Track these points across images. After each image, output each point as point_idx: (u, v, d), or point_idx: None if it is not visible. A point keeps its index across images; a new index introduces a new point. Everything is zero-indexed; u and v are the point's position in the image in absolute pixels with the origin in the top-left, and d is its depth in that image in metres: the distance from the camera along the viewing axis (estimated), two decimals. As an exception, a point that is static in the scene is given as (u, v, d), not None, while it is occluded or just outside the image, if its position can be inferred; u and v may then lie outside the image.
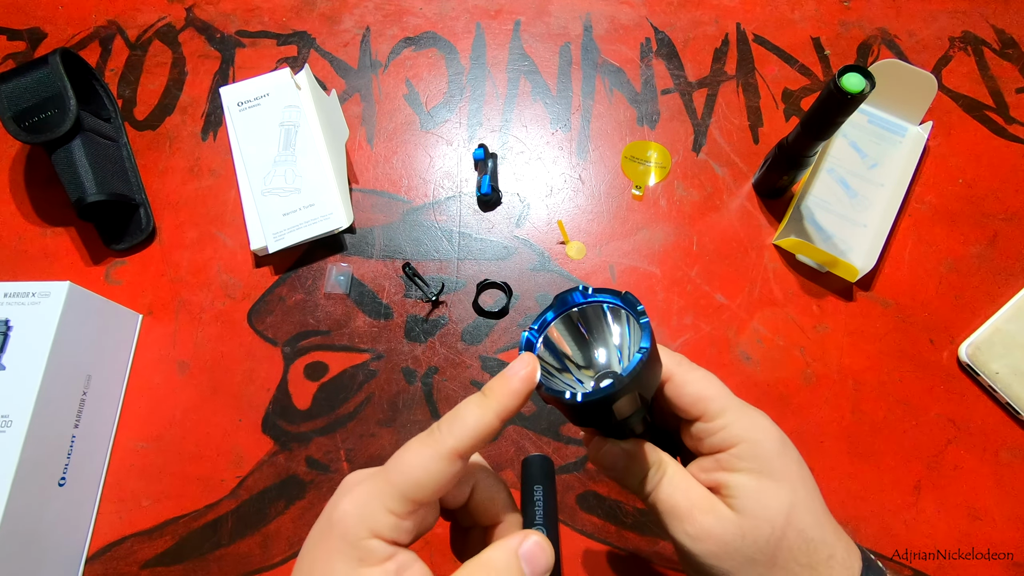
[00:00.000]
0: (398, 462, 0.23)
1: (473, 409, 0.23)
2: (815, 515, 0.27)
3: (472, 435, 0.23)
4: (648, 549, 0.47)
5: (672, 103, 0.62)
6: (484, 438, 0.23)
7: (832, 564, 0.26)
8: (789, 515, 0.26)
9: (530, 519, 0.45)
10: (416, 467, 0.22)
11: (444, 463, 0.22)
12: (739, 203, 0.58)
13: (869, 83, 0.42)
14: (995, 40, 0.65)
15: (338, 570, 0.21)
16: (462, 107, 0.62)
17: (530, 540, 0.23)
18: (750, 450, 0.27)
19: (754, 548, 0.25)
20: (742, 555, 0.25)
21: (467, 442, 0.23)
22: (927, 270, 0.56)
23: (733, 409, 0.28)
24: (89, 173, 0.53)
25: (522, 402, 0.24)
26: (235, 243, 0.56)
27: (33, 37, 0.65)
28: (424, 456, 0.22)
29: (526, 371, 0.24)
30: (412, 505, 0.22)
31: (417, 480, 0.22)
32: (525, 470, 0.49)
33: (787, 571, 0.26)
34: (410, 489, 0.22)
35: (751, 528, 0.25)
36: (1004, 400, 0.50)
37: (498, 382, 0.24)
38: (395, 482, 0.22)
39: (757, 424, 0.27)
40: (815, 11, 0.67)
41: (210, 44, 0.65)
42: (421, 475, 0.22)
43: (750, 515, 0.26)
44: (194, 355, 0.52)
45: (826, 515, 0.27)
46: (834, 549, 0.26)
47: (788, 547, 0.26)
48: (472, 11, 0.67)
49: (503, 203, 0.58)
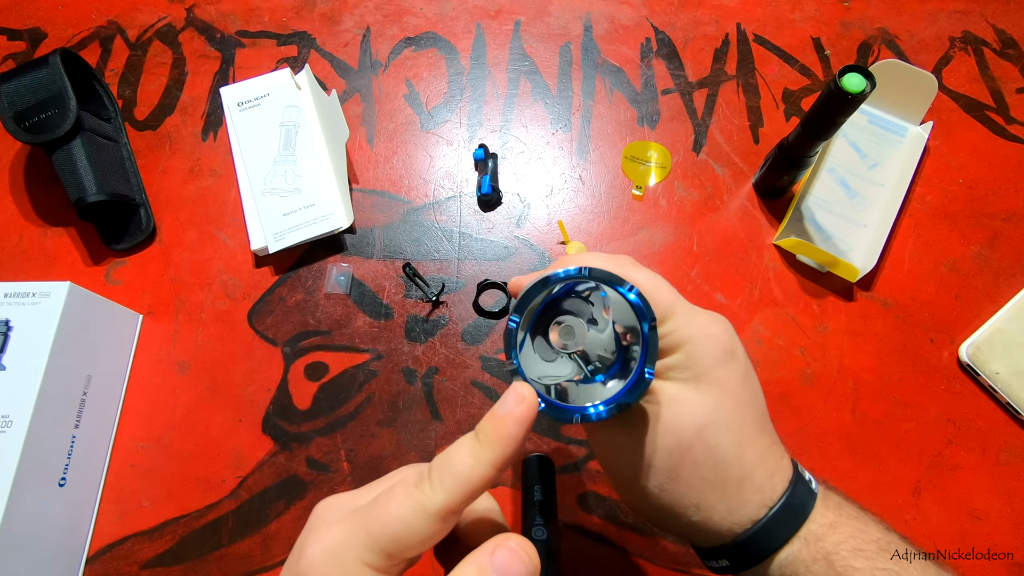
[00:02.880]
0: (380, 511, 0.20)
1: (465, 458, 0.20)
2: (736, 434, 0.25)
3: (464, 489, 0.20)
4: (648, 549, 0.47)
5: (672, 103, 0.62)
6: (478, 490, 0.20)
7: (743, 487, 0.25)
8: (702, 429, 0.25)
9: (530, 519, 0.45)
10: (399, 521, 0.19)
11: (431, 520, 0.20)
12: (739, 203, 0.58)
13: (869, 83, 0.42)
14: (995, 40, 0.65)
15: None
16: (462, 107, 0.62)
17: (502, 549, 0.20)
18: (685, 358, 0.25)
19: (654, 455, 0.25)
20: (643, 461, 0.25)
21: (458, 498, 0.20)
22: (927, 270, 0.56)
23: (681, 313, 0.26)
24: (89, 173, 0.53)
25: (519, 444, 0.21)
26: (235, 243, 0.56)
27: (33, 37, 0.65)
28: (408, 510, 0.19)
29: (520, 409, 0.21)
30: (390, 560, 0.20)
31: (398, 536, 0.19)
32: (525, 470, 0.49)
33: (690, 486, 0.25)
34: (389, 544, 0.19)
35: (653, 436, 0.25)
36: (1004, 400, 0.50)
37: (491, 425, 0.21)
38: (373, 533, 0.19)
39: (704, 331, 0.26)
40: (815, 11, 0.67)
41: (210, 44, 0.64)
42: (403, 531, 0.19)
43: (659, 423, 0.25)
44: (194, 355, 0.52)
45: (756, 436, 0.26)
46: (751, 472, 0.25)
47: (693, 462, 0.25)
48: (472, 11, 0.67)
49: (503, 203, 0.58)
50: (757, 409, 0.27)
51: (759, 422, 0.26)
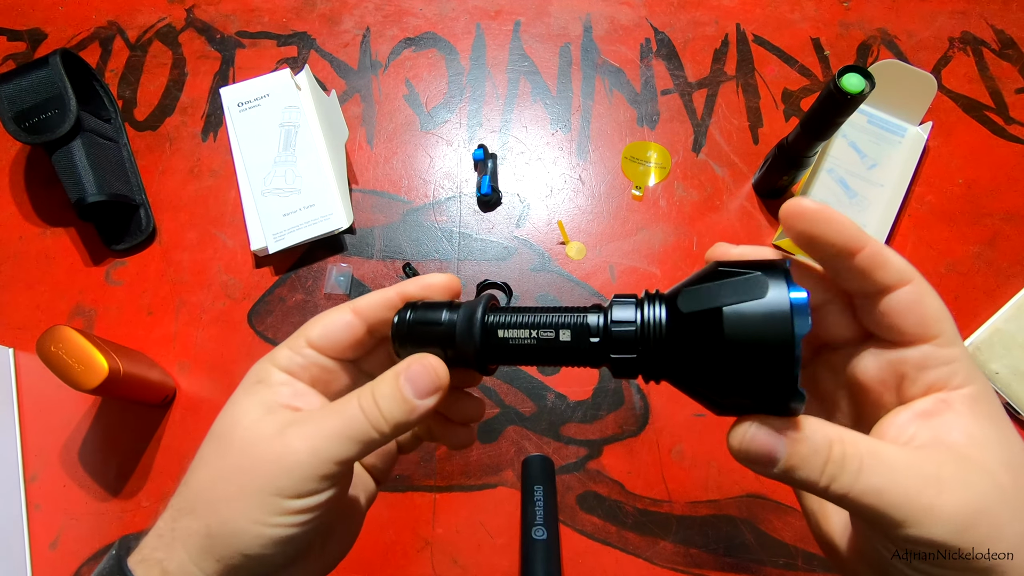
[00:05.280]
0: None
1: (382, 290, 0.25)
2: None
3: (370, 297, 0.24)
4: (648, 549, 0.47)
5: (672, 103, 0.62)
6: (381, 301, 0.24)
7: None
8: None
9: (530, 519, 0.45)
10: (318, 317, 0.24)
11: (340, 313, 0.24)
12: (739, 203, 0.58)
13: (869, 83, 0.42)
14: (994, 40, 0.65)
15: (240, 389, 0.23)
16: (462, 108, 0.62)
17: (417, 364, 0.22)
18: (983, 391, 0.20)
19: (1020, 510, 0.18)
20: (1018, 527, 0.18)
21: (364, 301, 0.24)
22: (927, 270, 0.56)
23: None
24: (89, 174, 0.53)
25: (429, 286, 0.25)
26: (235, 243, 0.56)
27: (33, 38, 0.65)
28: (328, 312, 0.25)
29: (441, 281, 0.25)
30: (307, 343, 0.24)
31: (314, 322, 0.24)
32: (525, 470, 0.49)
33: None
34: (307, 329, 0.24)
35: (1014, 486, 0.18)
36: (1004, 400, 0.50)
37: (411, 285, 0.25)
38: (300, 329, 0.24)
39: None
40: (815, 12, 0.67)
41: (210, 45, 0.65)
42: (318, 318, 0.24)
43: (1010, 469, 0.19)
44: (194, 355, 0.52)
45: None
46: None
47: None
48: (472, 12, 0.67)
49: (503, 203, 0.58)
50: None
51: None
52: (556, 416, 0.51)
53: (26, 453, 0.49)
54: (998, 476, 0.18)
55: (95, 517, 0.48)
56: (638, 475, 0.49)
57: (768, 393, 0.19)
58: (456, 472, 0.49)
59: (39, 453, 0.49)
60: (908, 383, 0.20)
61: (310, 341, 0.24)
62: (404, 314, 0.24)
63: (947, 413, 0.19)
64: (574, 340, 0.22)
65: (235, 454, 0.21)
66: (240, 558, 0.21)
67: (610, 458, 0.50)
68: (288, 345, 0.24)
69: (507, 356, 0.23)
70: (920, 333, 0.20)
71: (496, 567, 0.46)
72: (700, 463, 0.49)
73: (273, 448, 0.21)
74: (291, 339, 0.24)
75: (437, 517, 0.48)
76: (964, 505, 0.18)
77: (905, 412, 0.20)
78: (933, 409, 0.20)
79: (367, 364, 0.26)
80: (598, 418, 0.51)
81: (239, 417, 0.22)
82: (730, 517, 0.48)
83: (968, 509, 0.18)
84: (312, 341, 0.24)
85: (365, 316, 0.24)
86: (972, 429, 0.19)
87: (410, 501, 0.48)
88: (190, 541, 0.21)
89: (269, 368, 0.24)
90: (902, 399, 0.21)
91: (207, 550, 0.21)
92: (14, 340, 0.53)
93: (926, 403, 0.20)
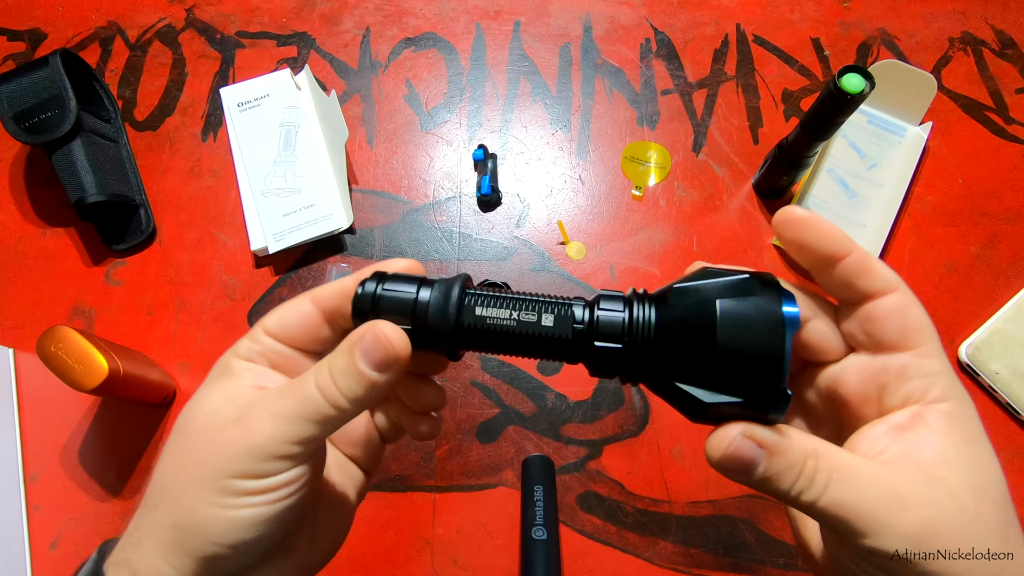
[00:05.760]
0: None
1: (341, 279, 0.24)
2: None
3: (328, 286, 0.24)
4: (648, 549, 0.47)
5: (672, 104, 0.62)
6: (338, 290, 0.24)
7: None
8: (1009, 502, 0.20)
9: (530, 519, 0.45)
10: (278, 307, 0.24)
11: (298, 301, 0.24)
12: (739, 203, 0.58)
13: (869, 83, 0.42)
14: (994, 40, 0.65)
15: (205, 383, 0.23)
16: (462, 108, 0.62)
17: (371, 334, 0.21)
18: (961, 409, 0.20)
19: (987, 536, 0.19)
20: (970, 549, 0.19)
21: (323, 289, 0.24)
22: (927, 270, 0.56)
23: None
24: (89, 174, 0.53)
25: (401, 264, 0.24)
26: (235, 243, 0.56)
27: (33, 38, 0.65)
28: (287, 303, 0.24)
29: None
30: (265, 332, 0.24)
31: (272, 312, 0.24)
32: (525, 470, 0.49)
33: (1009, 571, 0.19)
34: (265, 319, 0.24)
35: (976, 509, 0.19)
36: (1004, 400, 0.50)
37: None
38: (260, 320, 0.24)
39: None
40: (815, 12, 0.67)
41: (210, 45, 0.65)
42: (276, 308, 0.24)
43: (975, 492, 0.19)
44: (194, 356, 0.52)
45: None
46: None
47: (1010, 539, 0.19)
48: (472, 12, 0.67)
49: (503, 204, 0.58)
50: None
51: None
52: (556, 416, 0.51)
53: (26, 453, 0.49)
54: (961, 497, 0.19)
55: (95, 517, 0.48)
56: (638, 475, 0.49)
57: (758, 385, 0.19)
58: (456, 472, 0.49)
59: (39, 453, 0.49)
60: (888, 393, 0.21)
61: (267, 329, 0.24)
62: (369, 285, 0.22)
63: (920, 428, 0.20)
64: (556, 325, 0.21)
65: (194, 442, 0.21)
66: (211, 548, 0.20)
67: (610, 458, 0.50)
68: (248, 336, 0.24)
69: (483, 339, 0.22)
70: (901, 341, 0.20)
71: (496, 567, 0.46)
72: (700, 463, 0.49)
73: (230, 433, 0.21)
74: (252, 330, 0.24)
75: (437, 517, 0.48)
76: (923, 522, 0.18)
77: (881, 425, 0.21)
78: (907, 424, 0.20)
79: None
80: (598, 418, 0.51)
81: (200, 406, 0.22)
82: (730, 517, 0.48)
83: (926, 527, 0.18)
84: (269, 329, 0.24)
85: (321, 304, 0.24)
86: (943, 447, 0.19)
87: (410, 501, 0.48)
88: (157, 537, 0.20)
89: (230, 359, 0.24)
90: (882, 411, 0.21)
91: (175, 544, 0.20)
92: (14, 340, 0.53)
93: (902, 417, 0.20)
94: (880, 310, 0.20)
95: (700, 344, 0.19)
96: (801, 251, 0.21)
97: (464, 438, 0.50)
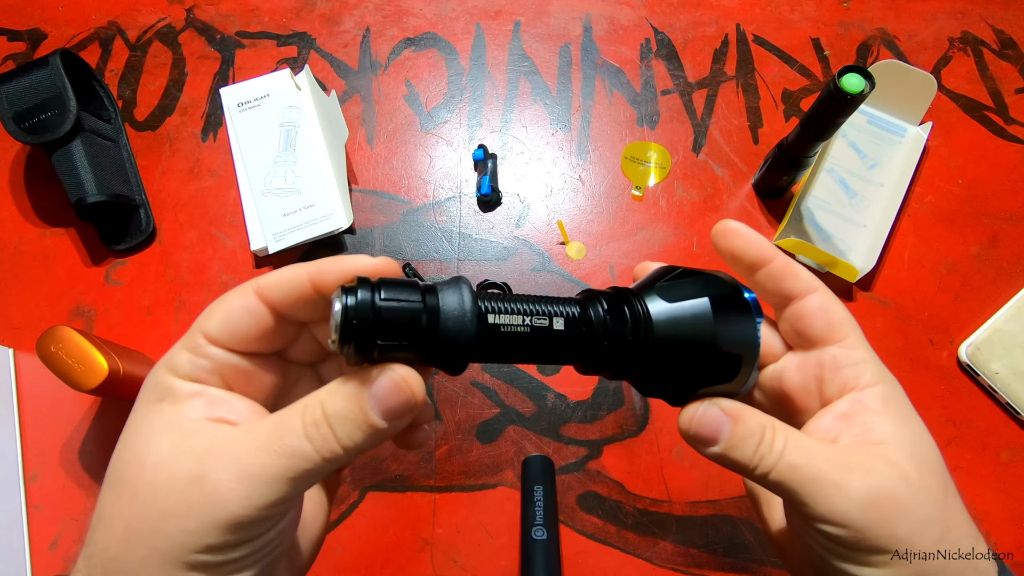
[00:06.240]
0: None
1: (288, 267, 0.21)
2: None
3: (275, 277, 0.20)
4: (648, 549, 0.47)
5: (672, 104, 0.62)
6: (289, 285, 0.20)
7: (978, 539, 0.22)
8: (946, 472, 0.22)
9: (530, 519, 0.45)
10: (215, 303, 0.20)
11: (239, 297, 0.20)
12: (739, 203, 0.58)
13: (869, 83, 0.42)
14: (994, 41, 0.65)
15: (138, 412, 0.19)
16: (462, 108, 0.62)
17: (386, 377, 0.17)
18: (892, 390, 0.22)
19: (929, 502, 0.20)
20: (919, 514, 0.20)
21: (268, 281, 0.20)
22: (927, 270, 0.56)
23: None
24: (89, 174, 0.53)
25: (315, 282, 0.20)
26: (235, 244, 0.56)
27: (33, 38, 0.65)
28: (225, 296, 0.21)
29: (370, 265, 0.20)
30: (206, 338, 0.20)
31: (210, 313, 0.20)
32: (525, 470, 0.49)
33: (954, 534, 0.21)
34: (203, 322, 0.20)
35: (919, 479, 0.20)
36: (1004, 400, 0.50)
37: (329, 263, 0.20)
38: (196, 323, 0.20)
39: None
40: (815, 12, 0.67)
41: (210, 45, 0.65)
42: (214, 308, 0.20)
43: (917, 463, 0.21)
44: (194, 355, 0.52)
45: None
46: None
47: (951, 505, 0.21)
48: (472, 12, 0.67)
49: (503, 204, 0.58)
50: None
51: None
52: (556, 416, 0.51)
53: (26, 453, 0.49)
54: (905, 468, 0.20)
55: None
56: (638, 475, 0.49)
57: (735, 366, 0.22)
58: (456, 472, 0.49)
59: (39, 453, 0.49)
60: (826, 385, 0.23)
61: (211, 337, 0.20)
62: (362, 295, 0.17)
63: (864, 413, 0.22)
64: (567, 328, 0.21)
65: (143, 506, 0.17)
66: None
67: (610, 458, 0.50)
68: (186, 346, 0.20)
69: (496, 350, 0.20)
70: (828, 335, 0.23)
71: (496, 567, 0.46)
72: (700, 463, 0.49)
73: (190, 496, 0.17)
74: (187, 336, 0.20)
75: (437, 517, 0.48)
76: (870, 487, 0.20)
77: (827, 415, 0.23)
78: (850, 411, 0.22)
79: (293, 352, 0.22)
80: (598, 418, 0.51)
81: (144, 453, 0.18)
82: (730, 517, 0.48)
83: (873, 490, 0.20)
84: (213, 337, 0.20)
85: (271, 299, 0.20)
86: (884, 426, 0.21)
87: (410, 501, 0.48)
88: None
89: (169, 379, 0.19)
90: (823, 401, 0.23)
91: None
92: (14, 340, 0.53)
93: (843, 404, 0.22)
94: (806, 308, 0.23)
95: (698, 334, 0.21)
96: (733, 258, 0.24)
97: (464, 438, 0.50)
